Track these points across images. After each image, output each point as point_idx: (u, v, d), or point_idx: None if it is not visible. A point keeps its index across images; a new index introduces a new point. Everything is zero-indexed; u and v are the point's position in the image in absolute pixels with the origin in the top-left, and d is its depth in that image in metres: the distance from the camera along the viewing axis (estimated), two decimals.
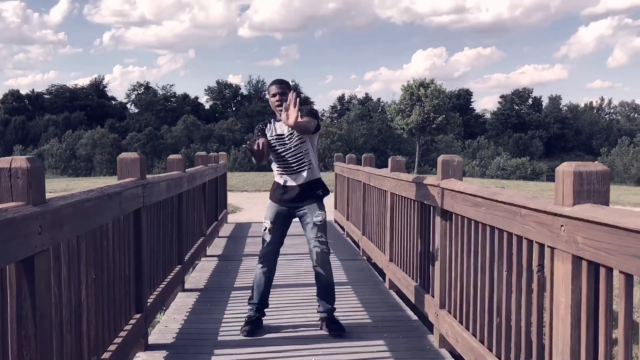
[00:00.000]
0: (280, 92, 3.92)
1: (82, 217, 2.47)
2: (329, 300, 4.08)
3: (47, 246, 2.07)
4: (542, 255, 2.41)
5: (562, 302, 2.16)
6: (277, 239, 4.05)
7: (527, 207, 2.42)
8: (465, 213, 3.24)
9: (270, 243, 4.04)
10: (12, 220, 1.76)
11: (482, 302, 3.08)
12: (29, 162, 1.98)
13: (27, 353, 1.98)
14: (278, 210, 4.03)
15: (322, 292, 4.08)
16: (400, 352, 3.62)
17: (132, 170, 3.58)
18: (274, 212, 4.04)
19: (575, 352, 2.10)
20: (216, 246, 7.79)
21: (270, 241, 4.03)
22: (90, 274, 2.72)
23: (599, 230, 1.89)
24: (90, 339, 2.72)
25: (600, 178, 2.10)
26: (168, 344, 3.80)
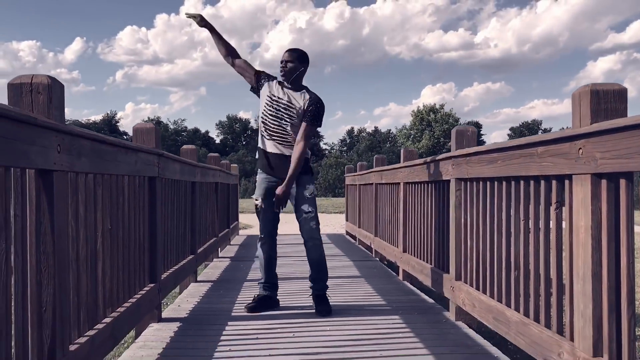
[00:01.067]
0: (285, 59, 3.85)
1: (99, 157, 2.48)
2: (322, 279, 3.98)
3: (66, 169, 2.09)
4: (560, 192, 2.40)
5: (581, 226, 2.13)
6: (271, 216, 3.93)
7: (543, 142, 2.42)
8: (481, 174, 3.23)
9: (264, 221, 3.95)
10: (33, 120, 1.78)
11: (499, 262, 3.04)
12: (50, 78, 2.01)
13: (46, 269, 1.98)
14: (266, 186, 3.91)
15: (314, 272, 3.98)
16: (416, 324, 3.57)
17: (147, 140, 3.61)
18: (263, 189, 3.92)
19: (596, 274, 2.07)
20: (228, 251, 7.77)
21: (264, 219, 3.94)
22: (105, 223, 2.73)
23: (618, 138, 1.89)
24: (106, 288, 2.71)
25: (617, 96, 2.09)
26: (182, 318, 3.77)
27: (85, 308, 2.43)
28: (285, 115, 3.85)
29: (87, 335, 2.38)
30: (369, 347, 3.03)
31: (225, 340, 3.20)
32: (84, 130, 2.28)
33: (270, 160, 3.89)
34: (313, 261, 3.99)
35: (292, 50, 3.93)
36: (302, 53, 3.92)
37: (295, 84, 3.89)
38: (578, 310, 2.17)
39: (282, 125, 3.85)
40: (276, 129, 3.87)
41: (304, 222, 3.90)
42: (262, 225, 3.98)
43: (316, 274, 3.99)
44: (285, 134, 3.86)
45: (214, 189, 6.72)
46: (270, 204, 3.88)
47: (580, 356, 2.13)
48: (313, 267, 4.00)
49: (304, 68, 3.91)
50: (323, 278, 4.00)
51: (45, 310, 1.98)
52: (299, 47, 4.02)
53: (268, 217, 3.95)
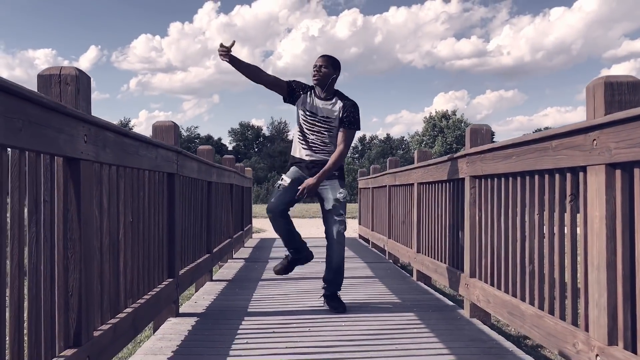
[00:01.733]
0: (319, 64, 3.88)
1: (122, 150, 2.55)
2: (338, 283, 3.99)
3: (92, 158, 2.15)
4: (575, 184, 2.43)
5: (596, 217, 2.16)
6: (283, 198, 3.87)
7: (558, 136, 2.45)
8: (495, 170, 3.26)
9: (279, 198, 3.87)
10: (63, 109, 1.85)
11: (513, 257, 3.07)
12: (77, 70, 2.08)
13: (72, 255, 2.04)
14: (298, 176, 3.93)
15: (331, 274, 3.97)
16: (431, 320, 3.60)
17: (166, 138, 3.68)
18: (294, 172, 3.95)
19: (611, 263, 2.10)
20: (242, 253, 7.84)
21: (281, 197, 3.87)
22: (127, 216, 2.79)
23: (632, 127, 1.91)
24: (127, 279, 2.77)
25: (631, 88, 2.13)
26: (199, 313, 3.83)
27: (108, 297, 2.49)
28: (324, 129, 3.92)
29: (109, 323, 2.44)
30: (384, 342, 3.07)
31: (242, 334, 3.25)
32: (108, 122, 2.34)
33: (307, 165, 3.95)
34: (334, 263, 3.96)
35: (327, 57, 3.95)
36: (335, 60, 3.95)
37: (328, 91, 3.92)
38: (593, 299, 2.20)
39: (321, 139, 3.94)
40: (315, 142, 3.95)
41: (334, 225, 3.90)
42: (275, 201, 3.87)
43: (334, 276, 3.98)
44: (323, 145, 3.95)
45: (229, 190, 6.79)
46: (294, 189, 3.87)
47: (595, 345, 2.16)
48: (332, 269, 3.97)
49: (336, 75, 3.93)
50: (339, 282, 4.01)
51: (71, 295, 2.04)
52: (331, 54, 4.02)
53: (285, 198, 3.88)
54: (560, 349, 2.45)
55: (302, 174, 3.96)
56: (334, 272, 3.97)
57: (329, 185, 3.94)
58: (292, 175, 3.96)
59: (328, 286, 4.00)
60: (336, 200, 3.91)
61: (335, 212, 3.90)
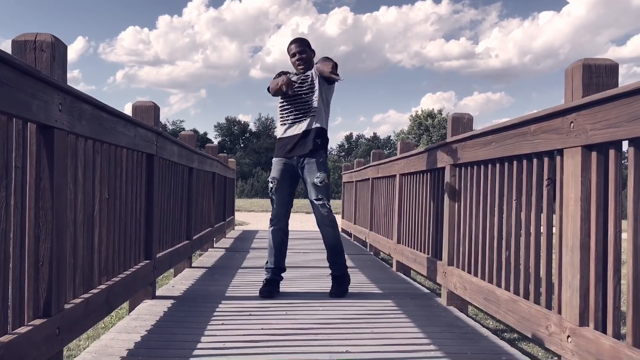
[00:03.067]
0: (299, 50, 3.95)
1: (99, 124, 2.52)
2: (336, 263, 4.04)
3: (66, 128, 2.12)
4: (552, 170, 2.44)
5: (571, 198, 2.17)
6: (285, 199, 3.99)
7: (536, 120, 2.46)
8: (475, 158, 3.27)
9: (278, 203, 3.98)
10: (36, 73, 1.81)
11: (490, 243, 3.08)
12: (54, 37, 2.05)
13: (44, 224, 2.01)
14: (282, 167, 3.96)
15: (329, 255, 4.06)
16: (408, 307, 3.60)
17: (146, 118, 3.64)
18: (278, 169, 3.97)
19: (585, 244, 2.11)
20: (223, 243, 7.81)
21: (278, 201, 3.98)
22: (103, 193, 2.76)
23: (608, 108, 1.93)
24: (101, 256, 2.75)
25: (609, 71, 2.14)
26: (175, 296, 3.80)
27: (82, 271, 2.47)
28: (306, 89, 3.92)
29: (82, 298, 2.41)
30: (361, 325, 3.07)
31: (218, 316, 3.23)
32: (85, 93, 2.31)
33: (290, 142, 3.94)
34: (327, 245, 4.05)
35: (299, 41, 4.02)
36: (306, 40, 4.06)
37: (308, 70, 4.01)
38: (566, 281, 2.21)
39: (305, 100, 3.93)
40: (300, 106, 3.92)
41: (316, 209, 3.95)
42: (276, 208, 3.99)
43: (331, 256, 4.05)
44: (308, 106, 3.93)
45: (211, 179, 6.76)
46: (287, 183, 3.94)
47: (567, 326, 2.17)
48: (328, 249, 4.06)
49: (314, 53, 4.06)
50: (338, 261, 4.05)
51: (42, 265, 2.01)
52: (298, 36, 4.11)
53: (281, 199, 3.96)
54: (534, 332, 2.46)
55: (285, 162, 3.96)
56: (331, 252, 4.06)
57: (307, 167, 3.93)
58: (277, 170, 3.97)
59: (332, 266, 4.06)
60: (313, 184, 3.92)
61: (314, 196, 3.93)
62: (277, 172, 3.97)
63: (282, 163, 3.97)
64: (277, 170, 3.98)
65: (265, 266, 4.04)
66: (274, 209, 4.03)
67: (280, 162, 3.98)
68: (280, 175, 3.96)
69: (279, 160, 3.99)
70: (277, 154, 4.03)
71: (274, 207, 4.03)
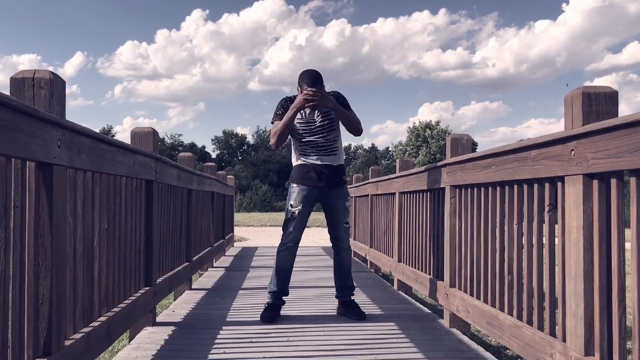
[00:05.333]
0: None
1: (98, 156, 2.51)
2: (351, 286, 4.07)
3: (65, 164, 2.11)
4: (553, 195, 2.44)
5: (573, 226, 2.16)
6: (302, 226, 3.94)
7: (537, 146, 2.45)
8: (475, 180, 3.27)
9: (297, 228, 3.90)
10: (35, 112, 1.81)
11: (492, 267, 3.07)
12: (52, 74, 2.04)
13: (43, 262, 2.00)
14: (306, 194, 3.91)
15: (344, 279, 4.05)
16: (410, 330, 3.58)
17: (145, 144, 3.64)
18: (302, 195, 3.91)
19: (588, 273, 2.10)
20: (223, 261, 7.78)
21: (298, 226, 3.90)
22: (102, 223, 2.75)
23: (609, 138, 1.92)
24: (101, 287, 2.73)
25: (609, 99, 2.14)
26: (176, 322, 3.77)
27: (81, 305, 2.45)
28: (327, 130, 3.92)
29: (82, 332, 2.39)
30: (363, 351, 3.04)
31: (219, 343, 3.21)
32: (84, 127, 2.30)
33: (318, 170, 3.92)
34: (346, 268, 4.07)
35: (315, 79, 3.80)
36: (318, 77, 3.84)
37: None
38: (570, 310, 2.19)
39: (325, 138, 3.93)
40: (321, 143, 3.92)
41: (343, 232, 3.99)
42: (292, 231, 3.90)
43: (346, 280, 4.06)
44: (330, 144, 3.95)
45: (210, 198, 6.74)
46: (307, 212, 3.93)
47: (572, 356, 2.15)
48: (344, 275, 4.06)
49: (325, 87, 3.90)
50: (352, 285, 4.09)
51: (42, 303, 2.00)
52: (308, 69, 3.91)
53: (301, 224, 3.93)
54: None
55: (311, 188, 3.92)
56: (347, 276, 4.06)
57: (337, 193, 3.97)
58: (301, 196, 3.92)
59: (345, 292, 4.04)
60: (344, 209, 3.99)
61: (343, 219, 3.98)
62: (301, 197, 3.91)
63: (307, 189, 3.93)
64: (301, 196, 3.91)
65: (269, 289, 3.99)
66: (290, 233, 3.92)
67: (304, 189, 3.93)
68: (305, 200, 3.91)
69: (303, 187, 3.93)
70: (302, 180, 3.94)
71: (291, 232, 3.91)
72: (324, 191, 3.95)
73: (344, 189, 4.01)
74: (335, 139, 3.97)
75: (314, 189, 3.93)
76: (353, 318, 3.87)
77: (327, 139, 3.93)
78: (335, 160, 3.97)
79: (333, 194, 3.96)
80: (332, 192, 3.96)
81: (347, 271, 4.07)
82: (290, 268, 3.99)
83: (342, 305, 4.03)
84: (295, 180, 3.98)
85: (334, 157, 3.97)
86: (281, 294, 3.97)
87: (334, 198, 3.97)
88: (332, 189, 3.95)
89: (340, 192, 3.98)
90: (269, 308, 3.89)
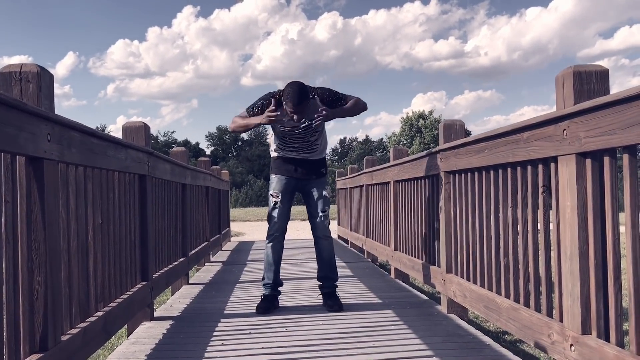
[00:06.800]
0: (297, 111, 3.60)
1: (89, 150, 2.49)
2: (332, 278, 4.02)
3: (56, 158, 2.09)
4: (547, 176, 2.43)
5: (568, 206, 2.16)
6: (285, 214, 3.95)
7: (529, 127, 2.45)
8: (469, 165, 3.26)
9: (280, 217, 3.91)
10: (22, 106, 1.79)
11: (488, 250, 3.07)
12: (39, 67, 2.03)
13: (37, 257, 1.98)
14: (285, 182, 3.94)
15: (324, 270, 4.02)
16: (408, 317, 3.58)
17: (137, 139, 3.62)
18: (282, 185, 3.94)
19: (583, 252, 2.10)
20: (220, 256, 7.77)
21: (281, 214, 3.91)
22: (96, 218, 2.73)
23: (601, 115, 1.92)
24: (97, 283, 2.71)
25: (599, 77, 2.13)
26: (174, 316, 3.77)
27: (77, 300, 2.43)
28: (310, 134, 3.89)
29: (79, 327, 2.38)
30: (362, 339, 3.04)
31: (217, 336, 3.20)
32: (74, 121, 2.29)
33: (296, 164, 3.94)
34: (326, 259, 4.02)
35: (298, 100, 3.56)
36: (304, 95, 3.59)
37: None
38: (566, 289, 2.20)
39: (307, 140, 3.92)
40: (302, 145, 3.93)
41: (320, 221, 3.94)
42: (277, 221, 3.90)
43: (328, 272, 4.02)
44: (311, 145, 3.95)
45: (204, 193, 6.73)
46: (289, 199, 3.94)
47: (570, 335, 2.15)
48: (325, 265, 4.02)
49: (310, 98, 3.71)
50: (334, 276, 4.03)
51: (37, 298, 1.98)
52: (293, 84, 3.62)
53: (283, 213, 3.93)
54: (536, 341, 2.45)
55: (289, 178, 3.95)
56: (327, 267, 4.02)
57: (315, 184, 3.97)
58: (281, 184, 3.94)
59: (326, 283, 4.01)
60: (323, 197, 3.97)
61: (321, 208, 3.95)
62: (280, 186, 3.94)
63: (285, 179, 3.95)
64: (280, 184, 3.94)
65: (263, 282, 3.99)
66: (274, 223, 3.93)
67: (282, 178, 3.95)
68: (283, 189, 3.93)
69: (281, 177, 3.96)
70: (280, 172, 3.97)
71: (275, 221, 3.92)
72: (301, 182, 3.97)
73: (322, 180, 4.00)
74: (316, 139, 3.95)
75: (291, 179, 3.95)
76: (328, 310, 3.81)
77: (308, 141, 3.93)
78: (314, 156, 3.98)
79: (310, 183, 3.97)
80: (309, 182, 3.97)
81: (326, 262, 4.02)
82: (280, 258, 3.99)
83: (323, 296, 3.99)
84: (273, 171, 4.02)
85: (313, 153, 3.97)
86: (275, 285, 3.97)
87: (311, 187, 3.97)
88: (309, 179, 3.96)
89: (318, 181, 3.97)
90: (265, 299, 3.89)
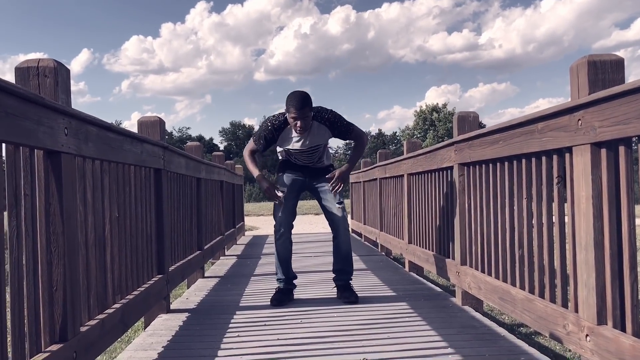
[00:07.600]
0: (299, 117, 3.63)
1: (106, 144, 2.52)
2: (348, 272, 4.04)
3: (73, 152, 2.12)
4: (562, 166, 2.43)
5: (583, 196, 2.16)
6: (292, 208, 3.97)
7: (543, 118, 2.44)
8: (483, 157, 3.26)
9: (284, 212, 3.92)
10: (40, 100, 1.82)
11: (503, 242, 3.06)
12: (56, 62, 2.05)
13: (55, 249, 2.02)
14: (292, 179, 3.98)
15: (340, 262, 4.03)
16: (423, 309, 3.59)
17: (152, 133, 3.65)
18: (289, 180, 3.98)
19: (598, 242, 2.09)
20: (234, 250, 7.82)
21: (284, 210, 3.92)
22: (113, 211, 2.76)
23: (616, 105, 1.91)
24: (114, 275, 2.75)
25: (614, 67, 2.12)
26: (190, 309, 3.81)
27: (95, 292, 2.47)
28: (315, 154, 3.95)
29: (97, 319, 2.42)
30: (376, 330, 3.06)
31: (233, 327, 3.23)
32: (90, 115, 2.31)
33: (305, 170, 4.01)
34: (343, 251, 4.02)
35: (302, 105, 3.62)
36: (307, 100, 3.65)
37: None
38: (581, 280, 2.19)
39: (311, 158, 3.98)
40: (307, 161, 4.00)
41: (337, 212, 3.94)
42: (282, 216, 3.91)
43: (343, 264, 4.03)
44: (315, 162, 4.01)
45: (219, 187, 6.76)
46: (295, 194, 3.98)
47: (585, 325, 2.15)
48: (342, 258, 4.03)
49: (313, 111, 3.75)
50: (350, 270, 4.05)
51: (56, 290, 2.02)
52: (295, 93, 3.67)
53: (290, 208, 3.95)
54: (551, 331, 2.45)
55: (296, 177, 4.00)
56: (343, 260, 4.03)
57: (322, 179, 4.00)
58: (289, 179, 3.99)
59: (339, 276, 4.03)
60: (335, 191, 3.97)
61: (336, 201, 3.95)
62: (287, 181, 3.98)
63: (292, 177, 4.00)
64: (287, 180, 3.99)
65: (277, 277, 4.02)
66: (279, 217, 3.93)
67: (289, 176, 4.00)
68: (290, 184, 3.97)
69: (288, 175, 4.01)
70: (284, 171, 4.04)
71: (280, 216, 3.92)
72: (309, 182, 4.03)
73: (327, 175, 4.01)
74: (320, 156, 4.02)
75: (298, 179, 4.01)
76: (344, 301, 3.84)
77: (312, 157, 3.98)
78: (318, 165, 4.04)
79: (316, 179, 4.00)
80: (318, 181, 4.00)
81: (344, 256, 4.03)
82: (289, 254, 4.01)
83: (338, 289, 4.02)
84: (280, 171, 4.08)
85: (318, 164, 4.04)
86: (289, 279, 4.00)
87: (318, 182, 3.99)
88: (318, 179, 4.00)
89: (324, 177, 3.99)
90: (279, 292, 3.92)
